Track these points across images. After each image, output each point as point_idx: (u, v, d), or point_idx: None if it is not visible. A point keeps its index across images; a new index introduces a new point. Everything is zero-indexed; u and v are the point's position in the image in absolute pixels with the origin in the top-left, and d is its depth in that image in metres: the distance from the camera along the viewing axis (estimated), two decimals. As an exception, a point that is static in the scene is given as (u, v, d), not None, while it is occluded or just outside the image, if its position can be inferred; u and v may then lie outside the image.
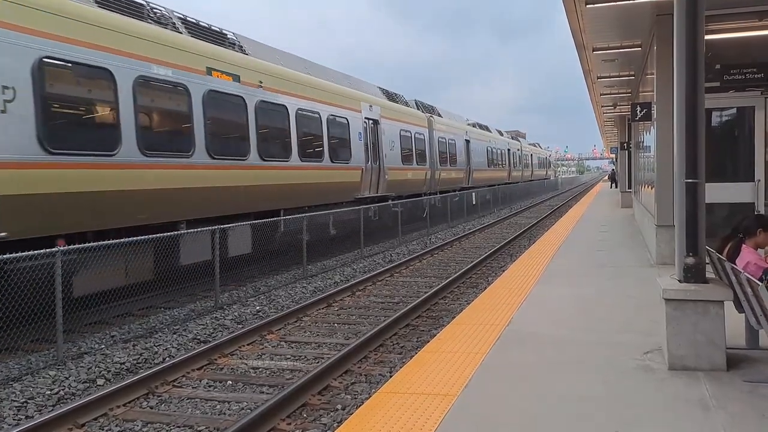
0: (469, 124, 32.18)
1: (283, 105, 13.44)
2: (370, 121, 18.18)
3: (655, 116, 10.58)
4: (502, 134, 41.50)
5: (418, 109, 24.40)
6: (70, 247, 7.47)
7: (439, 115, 26.51)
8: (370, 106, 18.30)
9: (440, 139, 24.81)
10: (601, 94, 19.75)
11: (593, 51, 12.53)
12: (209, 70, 10.97)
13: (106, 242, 7.96)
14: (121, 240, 8.31)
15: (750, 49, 9.52)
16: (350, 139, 16.68)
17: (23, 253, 6.80)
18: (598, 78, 16.30)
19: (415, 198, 20.86)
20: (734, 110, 9.77)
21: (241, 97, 11.90)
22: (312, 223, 13.88)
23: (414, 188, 21.60)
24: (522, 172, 44.10)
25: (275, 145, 13.22)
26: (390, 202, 18.67)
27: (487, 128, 36.88)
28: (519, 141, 44.96)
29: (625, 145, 24.76)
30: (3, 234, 7.24)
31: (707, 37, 4.91)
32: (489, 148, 34.03)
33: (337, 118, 15.95)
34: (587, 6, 8.99)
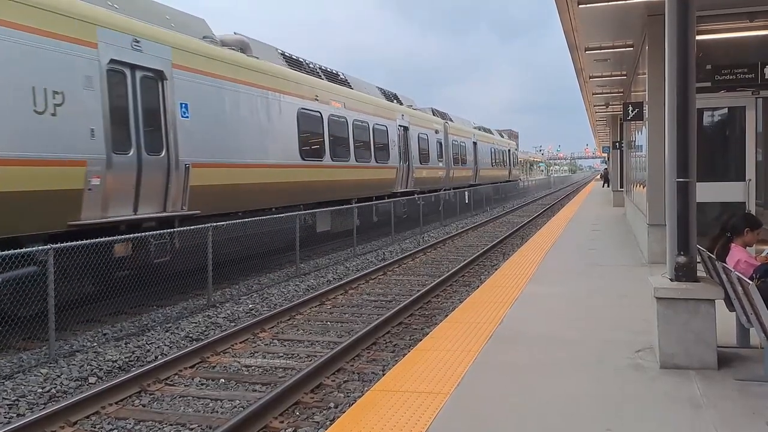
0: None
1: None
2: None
3: (646, 116, 10.63)
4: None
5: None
6: (62, 245, 7.42)
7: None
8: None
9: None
10: (593, 94, 19.83)
11: (585, 51, 12.58)
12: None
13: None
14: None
15: (741, 50, 9.59)
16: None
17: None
18: (590, 77, 16.37)
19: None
20: (725, 110, 9.84)
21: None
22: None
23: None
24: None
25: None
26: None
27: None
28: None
29: (617, 144, 24.87)
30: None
31: (698, 37, 4.96)
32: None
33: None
34: (579, 6, 9.03)
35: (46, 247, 7.18)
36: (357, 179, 17.40)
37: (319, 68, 16.89)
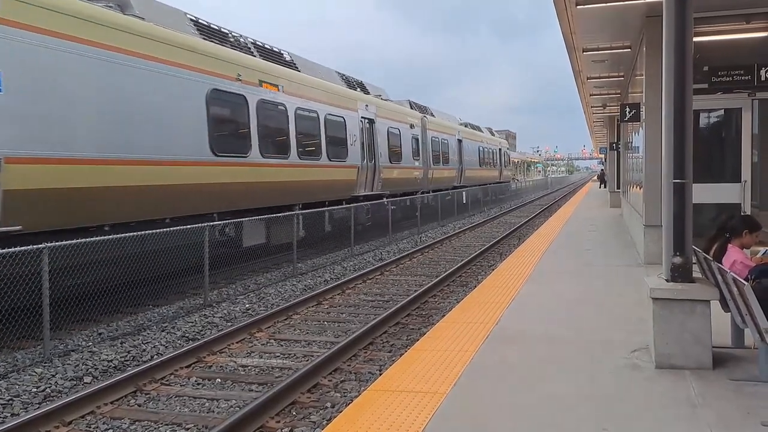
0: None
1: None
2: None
3: (643, 117, 10.67)
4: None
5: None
6: (56, 243, 7.40)
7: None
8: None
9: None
10: (590, 95, 19.88)
11: (583, 52, 12.60)
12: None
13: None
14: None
15: (737, 52, 9.62)
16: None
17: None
18: (588, 79, 16.40)
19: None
20: (722, 112, 9.88)
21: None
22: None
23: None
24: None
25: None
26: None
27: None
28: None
29: (614, 145, 24.92)
30: None
31: (696, 39, 4.96)
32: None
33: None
34: (577, 7, 9.04)
35: (41, 246, 7.15)
36: (300, 181, 14.25)
37: (253, 43, 13.75)
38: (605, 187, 37.57)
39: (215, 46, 11.81)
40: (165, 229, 9.28)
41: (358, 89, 19.23)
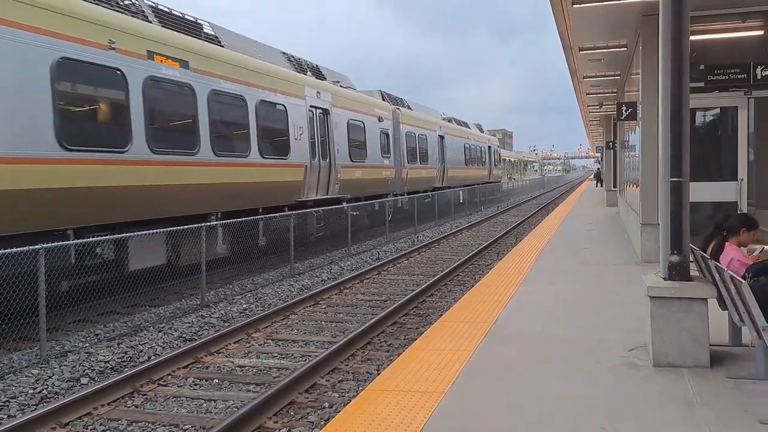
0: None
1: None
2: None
3: (640, 116, 10.68)
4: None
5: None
6: (53, 244, 7.37)
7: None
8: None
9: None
10: (587, 94, 19.92)
11: (580, 51, 12.63)
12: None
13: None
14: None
15: (733, 50, 9.65)
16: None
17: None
18: (584, 77, 16.43)
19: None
20: (718, 110, 9.90)
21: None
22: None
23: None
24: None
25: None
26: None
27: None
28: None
29: (611, 144, 24.97)
30: None
31: (692, 37, 4.96)
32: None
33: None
34: (574, 6, 9.05)
35: (36, 246, 7.12)
36: (217, 183, 11.30)
37: (151, 7, 10.89)
38: (602, 185, 37.65)
39: (74, 2, 8.74)
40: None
41: (310, 74, 16.24)
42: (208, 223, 10.61)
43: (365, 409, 4.15)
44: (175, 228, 9.69)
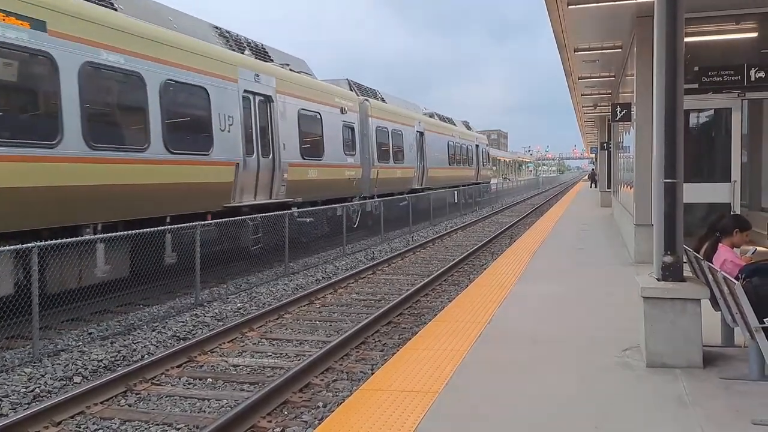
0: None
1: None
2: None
3: (634, 117, 10.72)
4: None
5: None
6: (46, 243, 7.33)
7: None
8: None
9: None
10: (582, 95, 19.98)
11: (575, 52, 12.66)
12: None
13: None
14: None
15: (727, 52, 9.69)
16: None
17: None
18: (579, 79, 16.48)
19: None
20: (712, 112, 9.94)
21: None
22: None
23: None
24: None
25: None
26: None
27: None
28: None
29: (605, 145, 25.07)
30: None
31: (686, 39, 4.99)
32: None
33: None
34: (569, 7, 9.08)
35: (30, 245, 7.08)
36: (93, 186, 8.67)
37: None
38: (596, 186, 37.80)
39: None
40: None
41: (249, 53, 13.46)
42: (84, 237, 8.33)
43: (359, 408, 4.15)
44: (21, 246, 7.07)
